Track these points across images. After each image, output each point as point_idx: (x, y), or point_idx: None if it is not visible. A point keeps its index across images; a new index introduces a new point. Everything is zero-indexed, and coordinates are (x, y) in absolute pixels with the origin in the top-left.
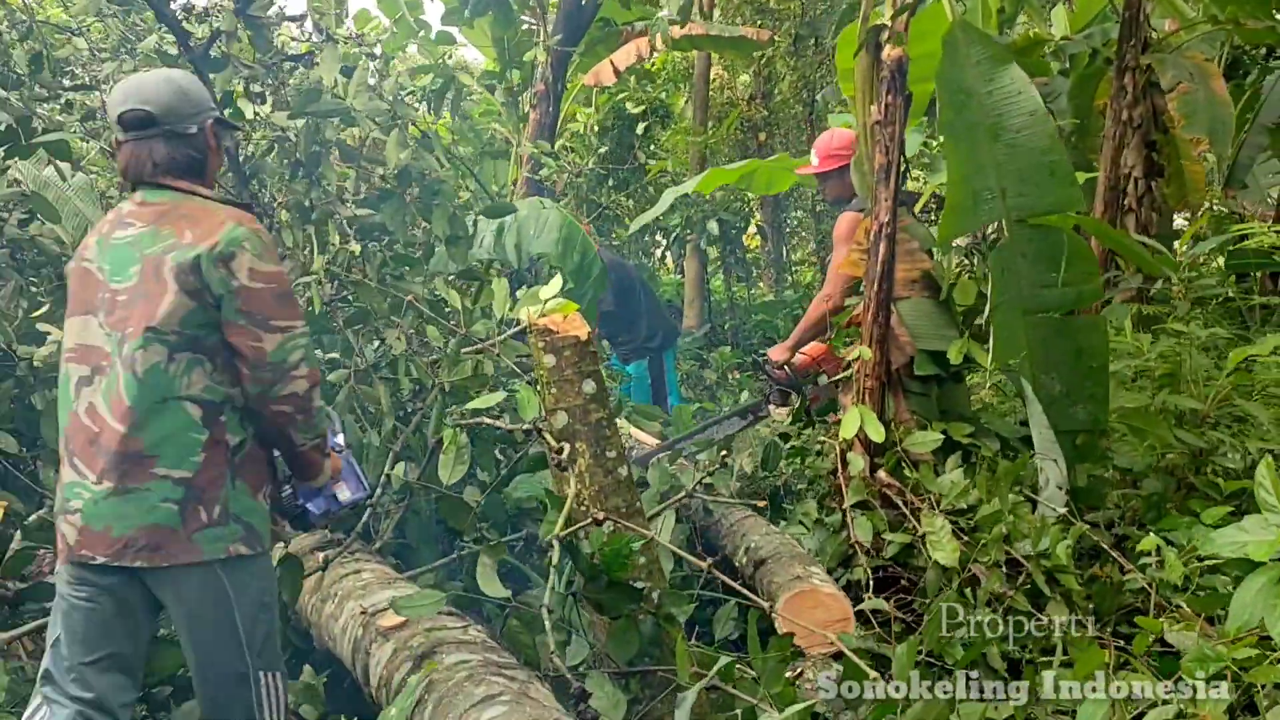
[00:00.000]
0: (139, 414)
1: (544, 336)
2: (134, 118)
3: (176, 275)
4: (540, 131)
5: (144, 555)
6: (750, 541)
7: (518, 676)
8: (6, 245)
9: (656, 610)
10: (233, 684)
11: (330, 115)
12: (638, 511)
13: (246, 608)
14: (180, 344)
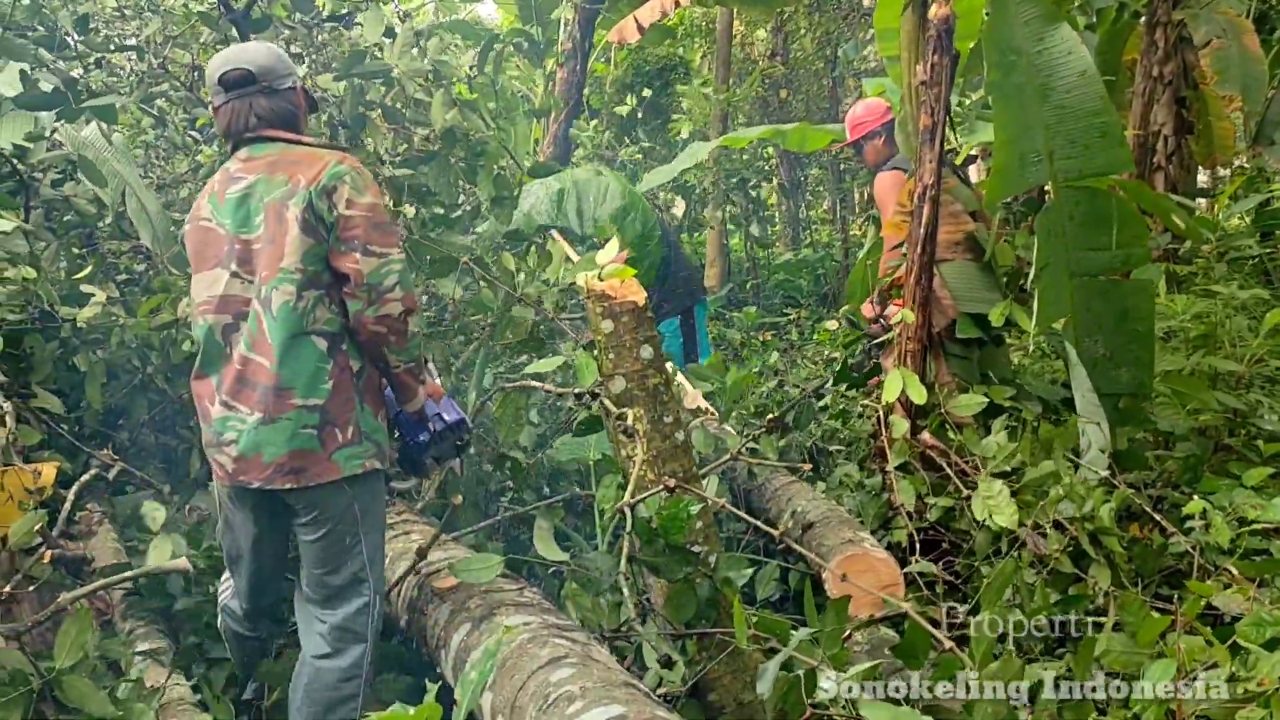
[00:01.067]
0: (277, 350)
1: (602, 302)
2: (235, 77)
3: (296, 217)
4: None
5: (291, 478)
6: (797, 506)
7: (578, 639)
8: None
9: (713, 573)
10: (353, 600)
11: (374, 77)
12: (694, 477)
13: (369, 525)
14: (304, 281)
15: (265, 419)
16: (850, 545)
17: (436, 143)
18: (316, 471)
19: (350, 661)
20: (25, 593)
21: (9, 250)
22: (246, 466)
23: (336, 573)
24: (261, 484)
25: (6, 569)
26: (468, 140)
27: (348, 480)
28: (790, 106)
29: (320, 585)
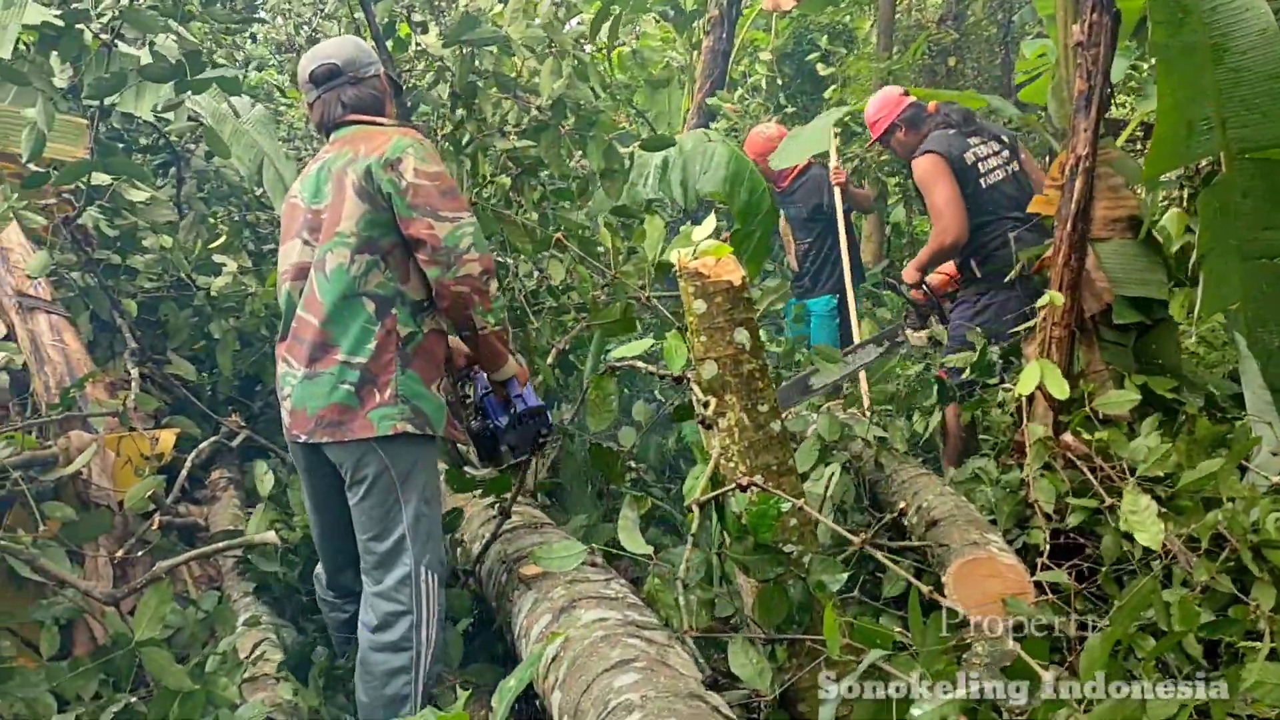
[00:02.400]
0: (328, 309)
1: (694, 280)
2: (323, 71)
3: (353, 184)
4: (714, 59)
5: (329, 431)
6: (924, 500)
7: (656, 639)
8: (194, 177)
9: (807, 575)
10: (395, 568)
11: (487, 43)
12: (790, 470)
13: (410, 493)
14: (358, 245)
15: (309, 374)
16: (975, 547)
17: (546, 113)
18: (352, 428)
19: (398, 635)
20: (138, 556)
21: (150, 220)
22: (296, 420)
23: (379, 539)
24: (305, 437)
25: (122, 533)
26: (579, 110)
27: (381, 441)
28: (959, 75)
29: (366, 552)
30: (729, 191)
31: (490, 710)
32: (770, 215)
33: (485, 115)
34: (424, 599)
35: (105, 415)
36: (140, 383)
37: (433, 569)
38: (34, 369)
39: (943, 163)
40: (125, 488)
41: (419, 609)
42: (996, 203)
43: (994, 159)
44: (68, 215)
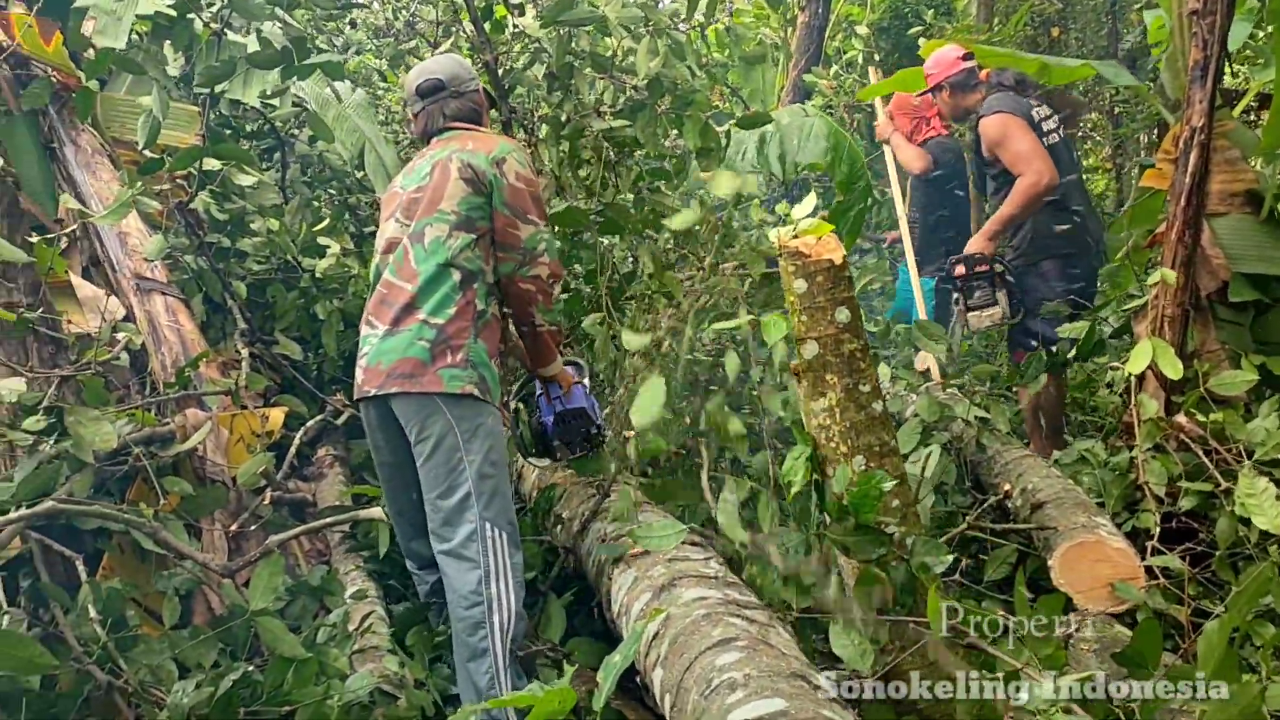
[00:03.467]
0: (423, 277)
1: (795, 259)
2: (428, 85)
3: (459, 168)
4: (809, 35)
5: (399, 382)
6: (1029, 482)
7: (758, 619)
8: (298, 161)
9: (909, 557)
10: (461, 525)
11: (583, 23)
12: (892, 451)
13: (474, 453)
14: (457, 222)
15: (390, 331)
16: (1083, 530)
17: (642, 92)
18: (423, 381)
19: (469, 589)
20: (251, 531)
21: (257, 203)
22: (369, 376)
23: (445, 497)
24: (376, 390)
25: (235, 508)
26: (675, 89)
27: (447, 399)
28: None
29: (434, 509)
30: (829, 164)
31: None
32: (868, 189)
33: (582, 96)
34: (490, 553)
35: (218, 394)
36: (250, 362)
37: (499, 526)
38: (151, 349)
39: (1014, 116)
40: (238, 464)
41: (487, 562)
42: (1058, 161)
43: (1050, 121)
44: (181, 200)
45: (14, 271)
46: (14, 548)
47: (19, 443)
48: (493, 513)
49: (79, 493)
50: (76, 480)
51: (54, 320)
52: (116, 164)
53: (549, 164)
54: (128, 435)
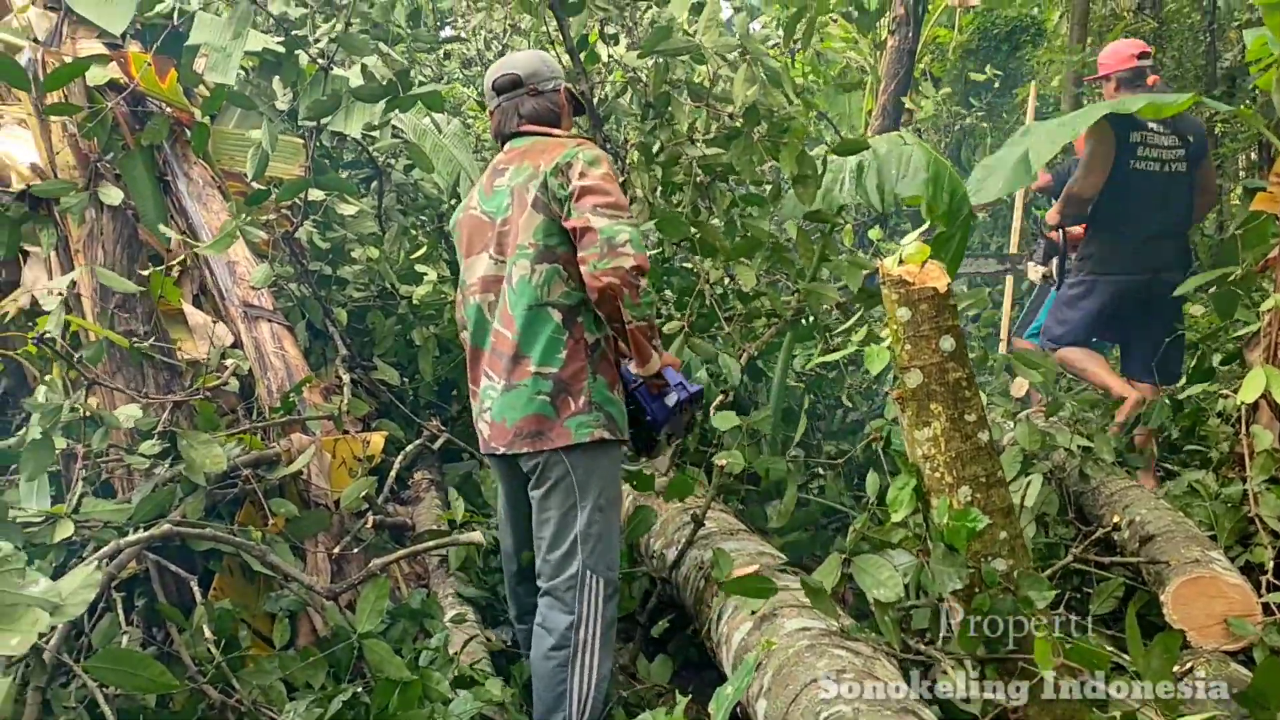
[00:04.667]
0: (519, 322)
1: (899, 288)
2: (505, 81)
3: (532, 197)
4: (899, 58)
5: (528, 441)
6: (1136, 514)
7: (862, 650)
8: (394, 190)
9: (1015, 590)
10: (565, 570)
11: (679, 53)
12: (999, 482)
13: (588, 497)
14: (536, 255)
15: (507, 385)
16: (1196, 565)
17: (739, 119)
18: (551, 437)
19: (557, 635)
20: (353, 554)
21: (357, 232)
22: (496, 433)
23: (555, 542)
24: (504, 449)
25: (338, 531)
26: (771, 116)
27: (577, 448)
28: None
29: (542, 549)
30: (930, 195)
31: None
32: (970, 219)
33: (677, 123)
34: (585, 601)
35: (321, 419)
36: (351, 388)
37: (599, 574)
38: (258, 374)
39: (1107, 129)
40: (340, 487)
41: (580, 609)
42: (1136, 189)
43: (1162, 150)
44: (286, 230)
45: (131, 301)
46: (130, 568)
47: (136, 466)
48: (595, 559)
49: (192, 515)
50: (190, 503)
51: (168, 347)
52: (226, 195)
53: (641, 190)
54: (237, 458)
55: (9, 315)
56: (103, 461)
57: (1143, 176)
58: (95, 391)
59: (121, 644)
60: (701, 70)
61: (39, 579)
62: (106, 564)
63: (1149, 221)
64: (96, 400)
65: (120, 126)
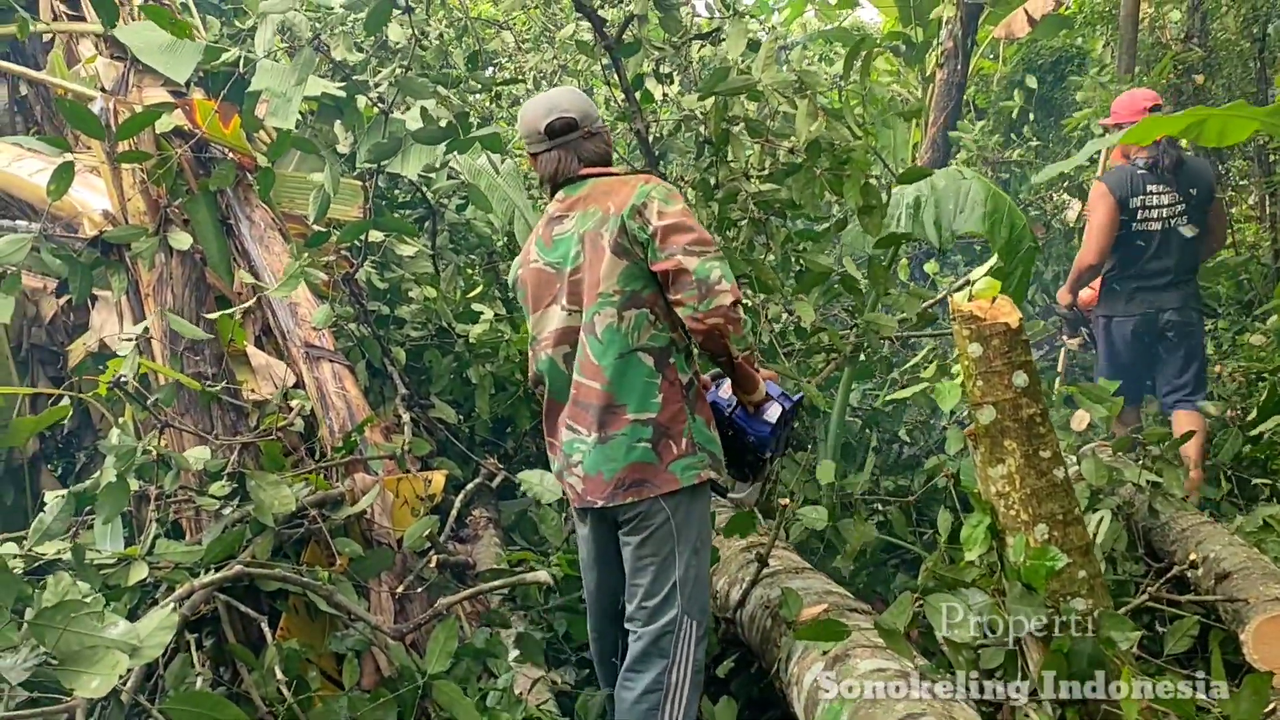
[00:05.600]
0: (607, 370)
1: (969, 323)
2: (561, 124)
3: (610, 243)
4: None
5: (632, 491)
6: (1210, 550)
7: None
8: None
9: (1096, 631)
10: (663, 616)
11: (738, 92)
12: (1076, 520)
13: (686, 541)
14: (623, 301)
15: (601, 438)
16: (1276, 604)
17: (800, 154)
18: (657, 484)
19: (651, 678)
20: (417, 593)
21: (414, 272)
22: (592, 487)
23: (651, 588)
24: (605, 501)
25: (400, 570)
26: (833, 150)
27: (680, 492)
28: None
29: (635, 597)
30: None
31: None
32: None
33: (735, 160)
34: (680, 645)
35: (384, 458)
36: (411, 427)
37: (694, 617)
38: (320, 414)
39: (1108, 197)
40: (403, 527)
41: (675, 653)
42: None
43: (1162, 209)
44: (346, 270)
45: (200, 344)
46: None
47: (206, 507)
48: (691, 604)
49: (261, 555)
50: (259, 543)
51: (235, 389)
52: (286, 237)
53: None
54: (304, 499)
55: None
56: (173, 502)
57: (1143, 235)
58: (165, 433)
59: (195, 685)
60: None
61: (118, 621)
62: (180, 605)
63: (1148, 272)
64: (166, 442)
65: (185, 172)
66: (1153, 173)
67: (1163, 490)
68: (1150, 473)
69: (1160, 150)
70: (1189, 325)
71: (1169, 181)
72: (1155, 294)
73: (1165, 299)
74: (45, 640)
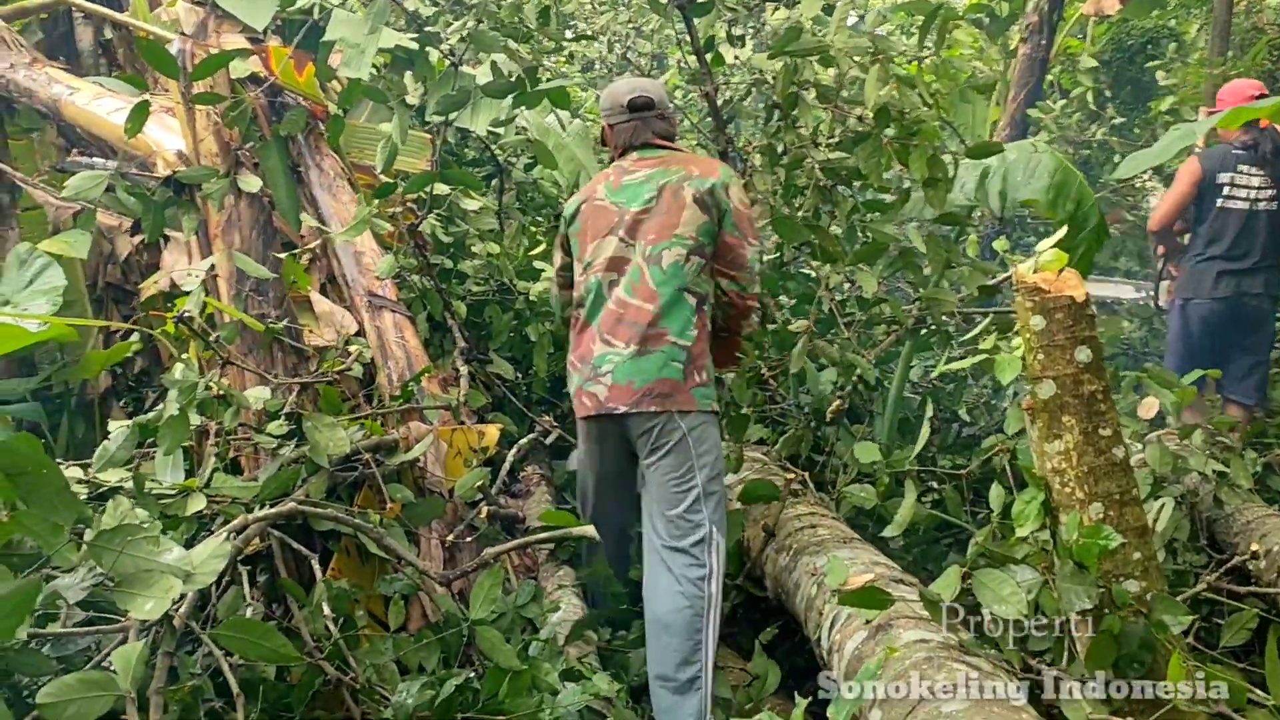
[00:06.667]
0: (661, 298)
1: (1033, 295)
2: (642, 101)
3: (695, 196)
4: (1030, 67)
5: (657, 401)
6: (1274, 543)
7: (982, 666)
8: (513, 188)
9: (1148, 614)
10: (693, 524)
11: (809, 54)
12: (1133, 500)
13: (703, 461)
14: (693, 247)
15: (639, 351)
16: None
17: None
18: (679, 400)
19: (690, 588)
20: (466, 542)
21: (478, 227)
22: (617, 393)
23: (677, 500)
24: (628, 408)
25: (452, 519)
26: (902, 118)
27: (697, 414)
28: None
29: (668, 509)
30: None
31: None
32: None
33: (803, 126)
34: (713, 555)
35: (439, 409)
36: (468, 379)
37: (721, 530)
38: (379, 362)
39: (1196, 170)
40: (455, 477)
41: (710, 563)
42: (1221, 223)
43: (1251, 190)
44: (411, 222)
45: (265, 286)
46: (253, 544)
47: (263, 445)
48: (716, 516)
49: (314, 495)
50: (313, 483)
51: (297, 331)
52: (355, 187)
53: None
54: (358, 442)
55: (150, 296)
56: (231, 439)
57: (1229, 213)
58: (227, 371)
59: (245, 615)
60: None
61: (173, 548)
62: (234, 537)
63: (1233, 253)
64: (228, 380)
65: (259, 117)
66: (1248, 152)
67: (1229, 481)
68: (1217, 462)
69: (1260, 133)
70: (1265, 313)
71: (1264, 165)
72: (1237, 277)
73: (1248, 283)
74: (103, 562)
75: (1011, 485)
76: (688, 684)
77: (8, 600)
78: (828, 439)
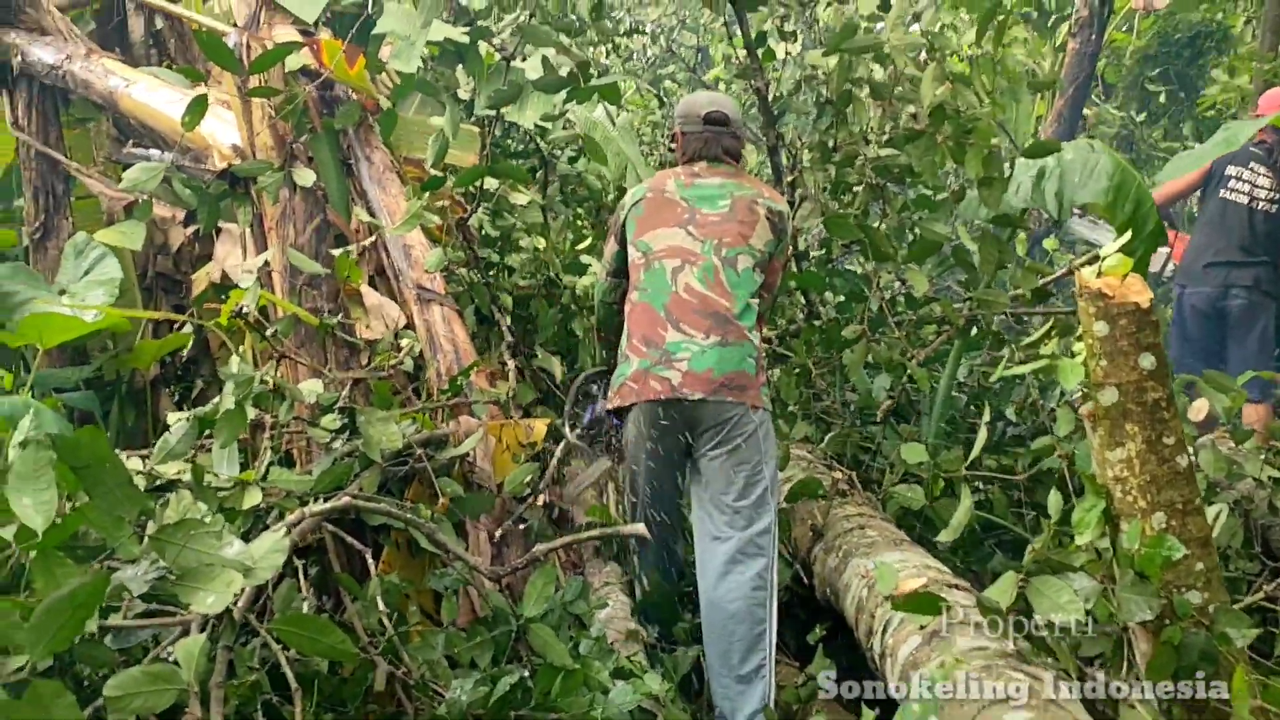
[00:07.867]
0: (737, 300)
1: (1096, 301)
2: (719, 115)
3: (767, 214)
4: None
5: (734, 393)
6: None
7: (1041, 676)
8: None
9: (1210, 626)
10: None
11: (864, 51)
12: (1197, 510)
13: (769, 456)
14: (760, 260)
15: (721, 342)
16: None
17: (924, 120)
18: (750, 394)
19: (755, 571)
20: (514, 537)
21: (525, 221)
22: (693, 380)
23: (747, 492)
24: (704, 395)
25: (500, 514)
26: (958, 117)
27: (762, 410)
28: None
29: (735, 501)
30: (1109, 203)
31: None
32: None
33: (856, 122)
34: (773, 545)
35: (488, 403)
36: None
37: (777, 523)
38: (428, 356)
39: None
40: (504, 472)
41: (771, 554)
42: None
43: (1255, 189)
44: (460, 216)
45: (318, 279)
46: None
47: (317, 439)
48: (775, 508)
49: (367, 489)
50: (366, 477)
51: (350, 325)
52: (404, 180)
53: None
54: (410, 437)
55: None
56: (286, 432)
57: (1228, 205)
58: (281, 365)
59: (301, 609)
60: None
61: (234, 542)
62: (291, 531)
63: (1225, 245)
64: (282, 373)
65: (310, 110)
66: (1263, 152)
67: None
68: (1273, 468)
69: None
70: (1255, 309)
71: (1275, 168)
72: (1226, 269)
73: (1236, 274)
74: (165, 555)
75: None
76: (753, 673)
77: (78, 593)
78: (874, 437)
